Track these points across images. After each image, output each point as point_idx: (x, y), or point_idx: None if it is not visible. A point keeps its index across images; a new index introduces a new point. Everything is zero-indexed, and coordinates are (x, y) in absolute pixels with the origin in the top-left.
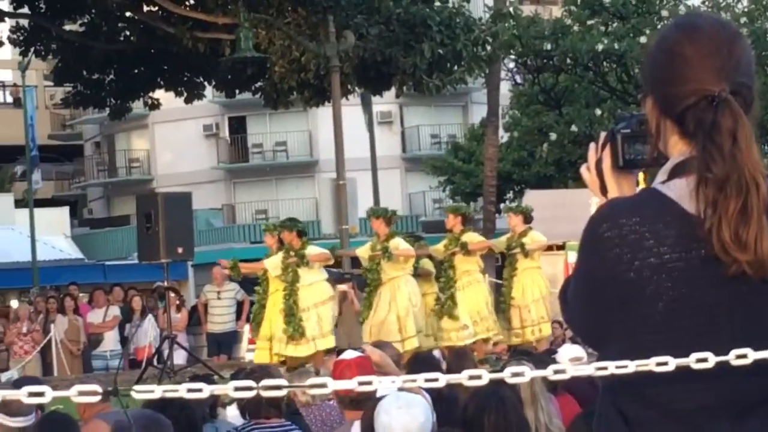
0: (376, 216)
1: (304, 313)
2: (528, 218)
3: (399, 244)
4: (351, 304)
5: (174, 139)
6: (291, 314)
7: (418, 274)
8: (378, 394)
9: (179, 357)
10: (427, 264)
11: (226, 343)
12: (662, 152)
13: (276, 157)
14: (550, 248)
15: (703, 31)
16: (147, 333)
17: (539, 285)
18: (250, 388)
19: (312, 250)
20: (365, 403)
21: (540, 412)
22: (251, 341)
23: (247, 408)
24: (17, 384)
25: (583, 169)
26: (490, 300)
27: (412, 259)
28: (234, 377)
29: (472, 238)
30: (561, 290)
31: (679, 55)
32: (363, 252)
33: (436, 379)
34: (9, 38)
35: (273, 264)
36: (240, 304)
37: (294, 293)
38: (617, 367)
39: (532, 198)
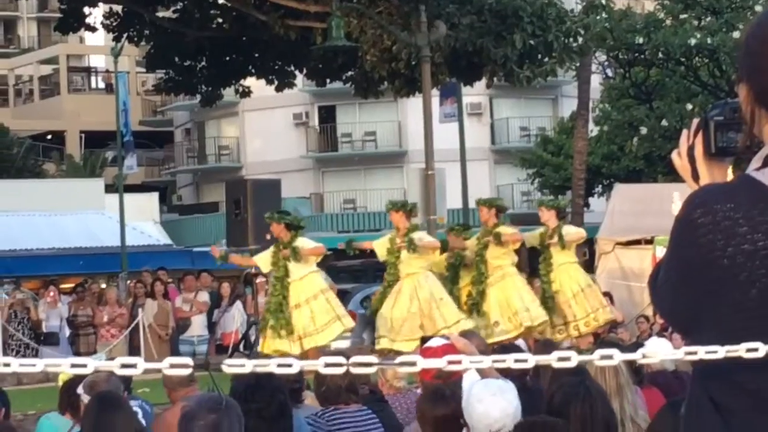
0: (396, 209)
1: (296, 309)
2: (561, 213)
3: (423, 236)
4: None
5: (264, 127)
6: (279, 310)
7: (465, 264)
8: (464, 386)
9: None
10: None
11: None
12: (757, 139)
13: (365, 147)
14: (638, 242)
15: None
16: (234, 319)
17: (577, 279)
18: (340, 365)
19: (305, 243)
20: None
21: (626, 404)
22: None
23: (326, 394)
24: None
25: (674, 155)
26: (528, 290)
27: (437, 252)
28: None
29: (506, 230)
30: (651, 277)
31: None
32: (380, 245)
33: (525, 360)
34: (102, 24)
35: (263, 259)
36: None
37: (284, 289)
38: (707, 352)
39: (621, 192)
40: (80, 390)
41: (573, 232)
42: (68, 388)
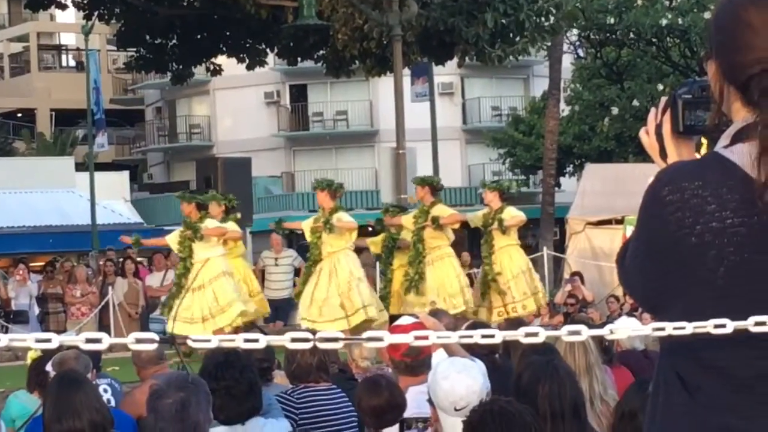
0: (321, 188)
1: (199, 291)
2: (504, 195)
3: (342, 216)
4: None
5: (235, 105)
6: (178, 292)
7: (398, 246)
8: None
9: None
10: (407, 235)
11: (282, 309)
12: (725, 117)
13: (336, 126)
14: (608, 222)
15: None
16: None
17: (517, 261)
18: (306, 340)
19: (209, 223)
20: (420, 369)
21: (595, 382)
22: None
23: (296, 372)
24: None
25: (642, 133)
26: (462, 275)
27: (354, 233)
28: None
29: (443, 211)
30: (618, 255)
31: (744, 22)
32: (307, 226)
33: (492, 336)
34: (73, 2)
35: (172, 239)
36: (297, 271)
37: (187, 270)
38: (675, 329)
39: (592, 172)
40: (48, 367)
41: (511, 217)
42: (36, 366)
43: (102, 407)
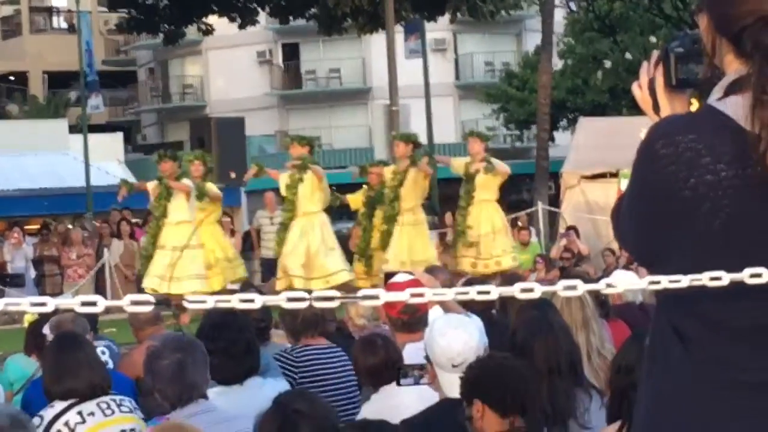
0: (297, 142)
1: (161, 250)
2: (486, 147)
3: (317, 168)
4: None
5: (227, 65)
6: (146, 249)
7: (382, 201)
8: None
9: None
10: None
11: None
12: (718, 70)
13: (329, 84)
14: (603, 176)
15: None
16: None
17: (492, 219)
18: (302, 299)
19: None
20: (417, 326)
21: (592, 336)
22: None
23: (294, 330)
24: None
25: (634, 87)
26: (432, 245)
27: (328, 195)
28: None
29: (423, 163)
30: (613, 209)
31: None
32: (283, 179)
33: (488, 292)
34: None
35: (152, 188)
36: None
37: (159, 228)
38: (670, 281)
39: (586, 125)
40: (46, 330)
41: (499, 163)
42: (34, 329)
43: (100, 367)
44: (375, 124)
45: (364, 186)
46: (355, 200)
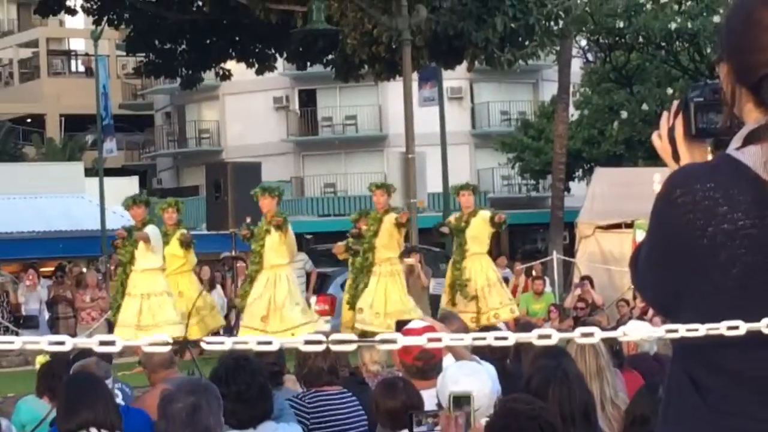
0: (265, 194)
1: (129, 297)
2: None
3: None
4: (418, 278)
5: (244, 110)
6: (115, 297)
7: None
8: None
9: None
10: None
11: None
12: (737, 119)
13: (345, 131)
14: (618, 226)
15: None
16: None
17: (486, 272)
18: (320, 342)
19: (148, 229)
20: (431, 373)
21: (605, 386)
22: (321, 312)
23: (307, 377)
24: (79, 355)
25: (654, 137)
26: (408, 298)
27: (293, 249)
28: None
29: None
30: (632, 257)
31: (756, 22)
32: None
33: (505, 338)
34: (83, 7)
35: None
36: (308, 275)
37: (126, 275)
38: (687, 330)
39: (602, 176)
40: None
41: (494, 212)
42: (46, 371)
43: (113, 405)
44: (391, 172)
45: (348, 237)
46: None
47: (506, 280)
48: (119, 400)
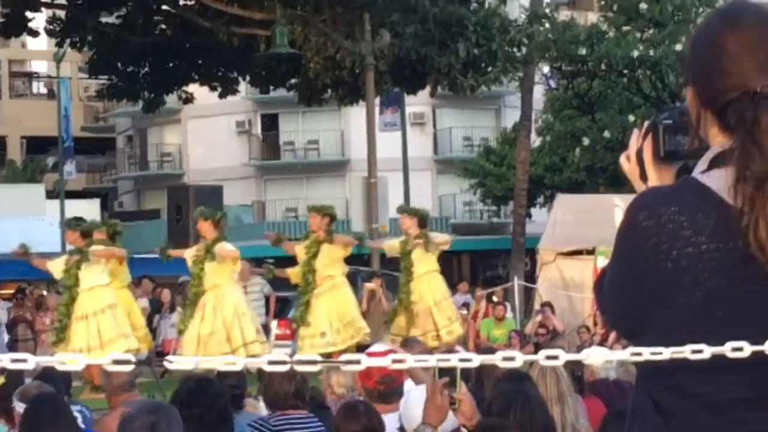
0: (204, 218)
1: (81, 321)
2: (423, 222)
3: (224, 245)
4: (379, 303)
5: (206, 134)
6: (60, 320)
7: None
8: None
9: None
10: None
11: None
12: (703, 142)
13: (307, 156)
14: (579, 253)
15: (747, 23)
16: (174, 325)
17: (439, 288)
18: (284, 362)
19: (97, 247)
20: (392, 397)
21: (567, 411)
22: (282, 337)
23: (272, 400)
24: (41, 376)
25: (622, 159)
26: (356, 304)
27: (238, 263)
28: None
29: (338, 238)
30: (596, 281)
31: (721, 47)
32: (188, 254)
33: (470, 360)
34: (45, 29)
35: (56, 266)
36: (267, 299)
37: (72, 299)
38: (652, 353)
39: (563, 202)
40: (15, 401)
41: (440, 236)
42: (1, 392)
43: (75, 428)
44: (353, 197)
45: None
46: (296, 274)
47: (467, 305)
48: (79, 422)
